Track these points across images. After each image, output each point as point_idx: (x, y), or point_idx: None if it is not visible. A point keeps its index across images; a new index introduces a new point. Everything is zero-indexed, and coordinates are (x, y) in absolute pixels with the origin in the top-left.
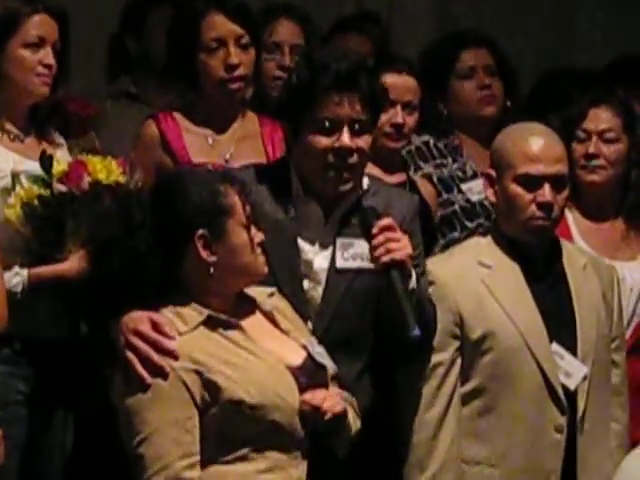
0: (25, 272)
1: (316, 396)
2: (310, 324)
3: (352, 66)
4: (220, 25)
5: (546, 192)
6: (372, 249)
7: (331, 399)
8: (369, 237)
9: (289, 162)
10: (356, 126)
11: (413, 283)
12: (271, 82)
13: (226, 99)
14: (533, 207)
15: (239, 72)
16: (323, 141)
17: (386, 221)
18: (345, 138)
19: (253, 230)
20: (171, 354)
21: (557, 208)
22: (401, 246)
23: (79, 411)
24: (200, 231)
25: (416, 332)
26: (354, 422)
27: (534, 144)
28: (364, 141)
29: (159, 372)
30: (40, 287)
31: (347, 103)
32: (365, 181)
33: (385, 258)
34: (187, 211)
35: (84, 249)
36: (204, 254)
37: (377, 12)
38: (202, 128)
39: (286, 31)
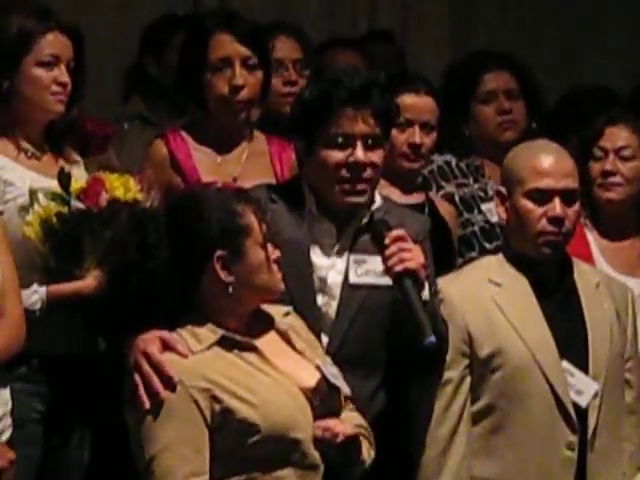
0: (43, 290)
1: (329, 421)
2: (324, 340)
3: (365, 81)
4: (227, 45)
5: (556, 206)
6: (385, 259)
7: (344, 423)
8: (382, 248)
9: (301, 180)
10: (369, 141)
11: (426, 294)
12: (280, 99)
13: (231, 119)
14: (544, 221)
15: (243, 93)
16: (337, 156)
17: (398, 232)
18: (359, 153)
19: (270, 248)
20: (169, 381)
21: (568, 222)
22: (414, 256)
23: (96, 428)
24: (219, 252)
25: (432, 339)
26: (368, 453)
27: (543, 159)
28: (377, 155)
29: (156, 398)
30: (59, 305)
31: (360, 118)
32: (378, 199)
33: (398, 267)
34: (205, 233)
35: (102, 267)
36: (222, 275)
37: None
38: (209, 147)
39: (286, 47)
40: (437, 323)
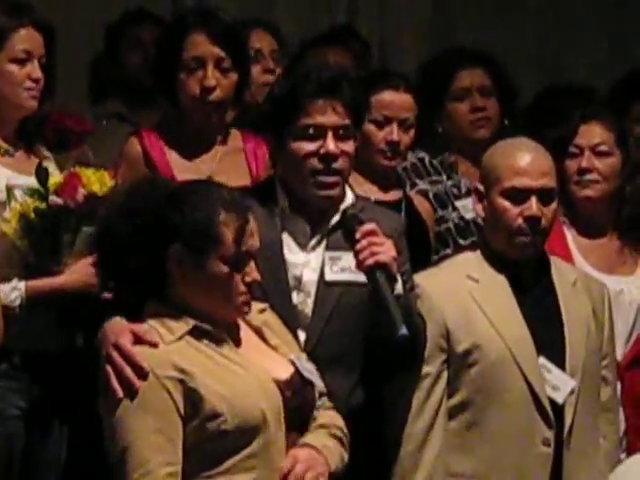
0: (23, 286)
1: (298, 466)
2: (302, 338)
3: (334, 73)
4: (201, 45)
5: (532, 205)
6: (356, 253)
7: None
8: (352, 242)
9: (275, 180)
10: (340, 131)
11: (399, 288)
12: (260, 89)
13: (203, 119)
14: (520, 220)
15: (215, 94)
16: (307, 146)
17: (369, 226)
18: (330, 144)
19: (248, 269)
20: (141, 371)
21: (545, 221)
22: (385, 249)
23: (75, 424)
24: (176, 246)
25: (403, 331)
26: (342, 461)
27: (520, 158)
28: (348, 146)
29: (130, 389)
30: (38, 300)
31: (331, 109)
32: (350, 195)
33: (369, 260)
34: (174, 222)
35: (81, 261)
36: (173, 268)
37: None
38: (184, 145)
39: (262, 38)
40: (412, 317)
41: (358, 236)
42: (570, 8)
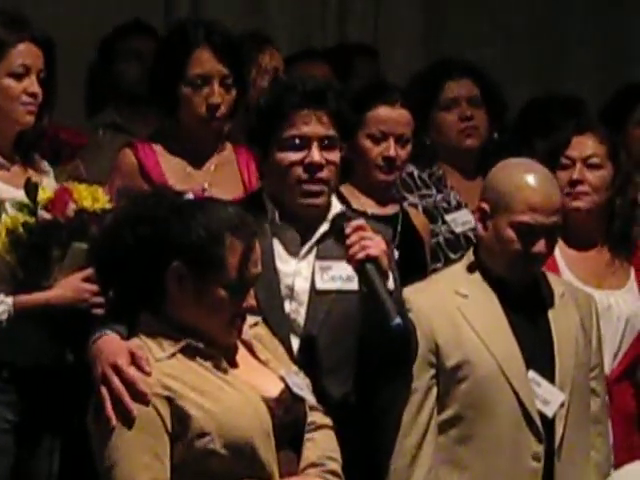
0: (10, 300)
1: None
2: (295, 347)
3: (318, 84)
4: (207, 62)
5: (542, 244)
6: (346, 249)
7: None
8: (343, 239)
9: (262, 191)
10: (325, 142)
11: (391, 284)
12: None
13: (207, 134)
14: (525, 254)
15: (220, 112)
16: (291, 156)
17: (358, 221)
18: (315, 154)
19: (247, 297)
20: (143, 397)
21: (547, 256)
22: (375, 243)
23: (65, 439)
24: (178, 262)
25: (398, 321)
26: None
27: (537, 194)
28: (334, 155)
29: (127, 416)
30: (25, 315)
31: (315, 119)
32: (337, 204)
33: (360, 254)
34: (178, 237)
35: (71, 276)
36: (172, 286)
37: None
38: (179, 157)
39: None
40: (403, 314)
41: (348, 231)
42: (560, 25)
